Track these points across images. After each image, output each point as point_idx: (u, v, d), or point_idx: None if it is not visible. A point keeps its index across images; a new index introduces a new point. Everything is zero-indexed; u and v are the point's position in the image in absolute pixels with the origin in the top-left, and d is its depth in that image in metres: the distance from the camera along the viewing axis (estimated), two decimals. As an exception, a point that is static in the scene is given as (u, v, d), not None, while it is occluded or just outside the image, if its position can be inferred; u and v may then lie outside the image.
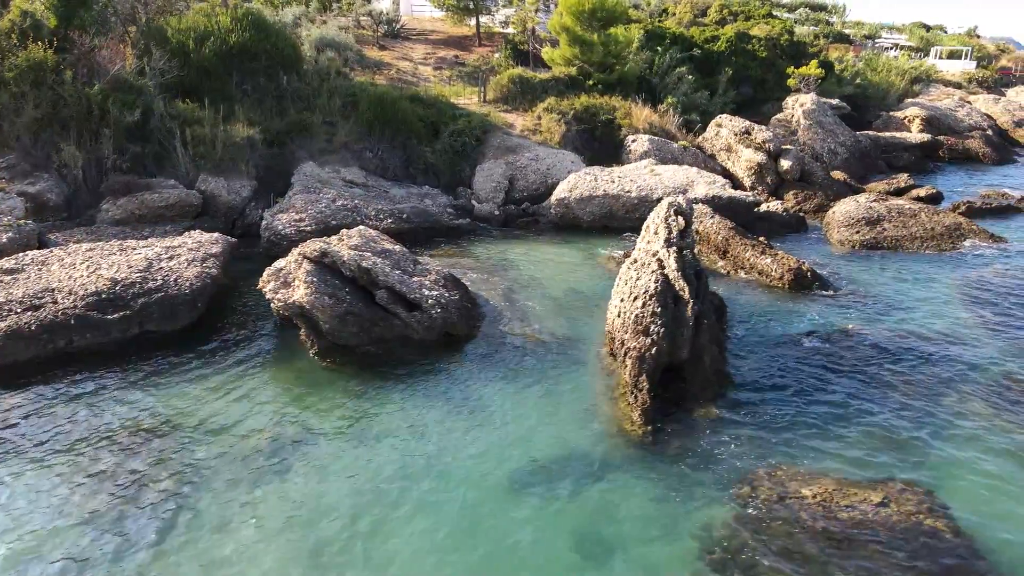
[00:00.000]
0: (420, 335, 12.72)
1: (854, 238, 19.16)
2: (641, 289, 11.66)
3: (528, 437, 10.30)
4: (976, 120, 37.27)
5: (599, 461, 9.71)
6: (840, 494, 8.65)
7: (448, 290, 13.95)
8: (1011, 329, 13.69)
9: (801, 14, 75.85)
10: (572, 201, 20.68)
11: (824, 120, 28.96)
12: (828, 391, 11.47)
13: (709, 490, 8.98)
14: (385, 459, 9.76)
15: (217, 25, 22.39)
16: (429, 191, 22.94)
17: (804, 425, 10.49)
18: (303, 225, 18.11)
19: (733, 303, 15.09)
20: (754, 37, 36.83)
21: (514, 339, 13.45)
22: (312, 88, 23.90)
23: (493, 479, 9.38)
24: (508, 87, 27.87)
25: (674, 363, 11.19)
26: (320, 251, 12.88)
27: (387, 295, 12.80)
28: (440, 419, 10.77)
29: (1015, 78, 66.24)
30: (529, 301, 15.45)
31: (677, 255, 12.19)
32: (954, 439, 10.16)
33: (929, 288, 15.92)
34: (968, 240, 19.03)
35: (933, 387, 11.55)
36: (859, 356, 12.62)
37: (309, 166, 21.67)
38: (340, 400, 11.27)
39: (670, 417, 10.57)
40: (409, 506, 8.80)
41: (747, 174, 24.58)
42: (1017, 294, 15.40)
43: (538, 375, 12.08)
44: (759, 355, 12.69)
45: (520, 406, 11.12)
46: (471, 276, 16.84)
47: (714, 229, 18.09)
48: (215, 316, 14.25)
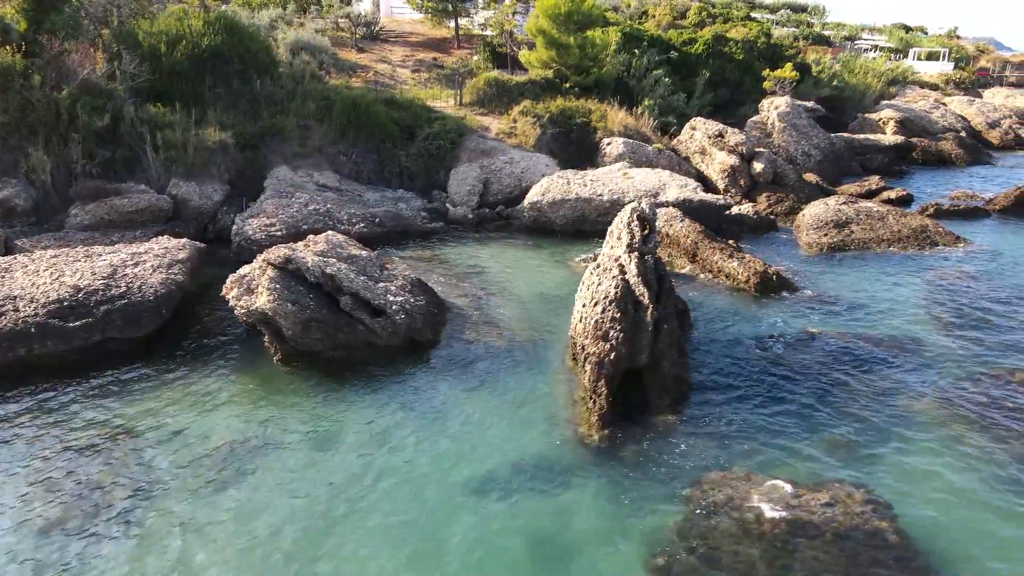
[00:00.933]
0: (384, 341, 12.77)
1: (822, 241, 19.38)
2: (602, 294, 11.77)
3: (487, 442, 10.38)
4: (950, 122, 37.72)
5: (556, 466, 9.80)
6: (788, 496, 8.79)
7: (414, 295, 14.01)
8: (967, 332, 13.91)
9: (783, 15, 76.47)
10: (545, 205, 20.78)
11: (798, 122, 29.22)
12: (785, 395, 11.62)
13: (661, 494, 9.09)
14: (343, 465, 9.81)
15: (189, 28, 22.31)
16: (403, 195, 22.97)
17: (759, 429, 10.64)
18: (274, 230, 18.11)
19: (699, 306, 15.25)
20: (731, 40, 37.10)
21: (480, 344, 13.53)
22: (286, 91, 23.88)
23: (450, 485, 9.45)
24: (484, 90, 27.94)
25: (634, 368, 11.30)
26: (284, 257, 12.90)
27: (351, 301, 12.84)
28: (400, 425, 10.83)
29: (992, 79, 67.05)
30: (498, 305, 15.54)
31: (639, 260, 12.31)
32: (903, 441, 10.33)
33: (892, 291, 16.14)
34: (934, 243, 19.29)
35: (887, 390, 11.73)
36: (817, 359, 12.79)
37: (282, 170, 21.65)
38: (302, 406, 11.31)
39: (628, 422, 10.67)
40: (366, 512, 8.86)
41: (721, 176, 24.77)
42: (976, 297, 15.64)
43: (501, 380, 12.16)
44: (720, 359, 12.83)
45: (481, 411, 11.20)
46: (441, 280, 16.92)
47: (683, 232, 18.24)
48: (182, 322, 14.24)
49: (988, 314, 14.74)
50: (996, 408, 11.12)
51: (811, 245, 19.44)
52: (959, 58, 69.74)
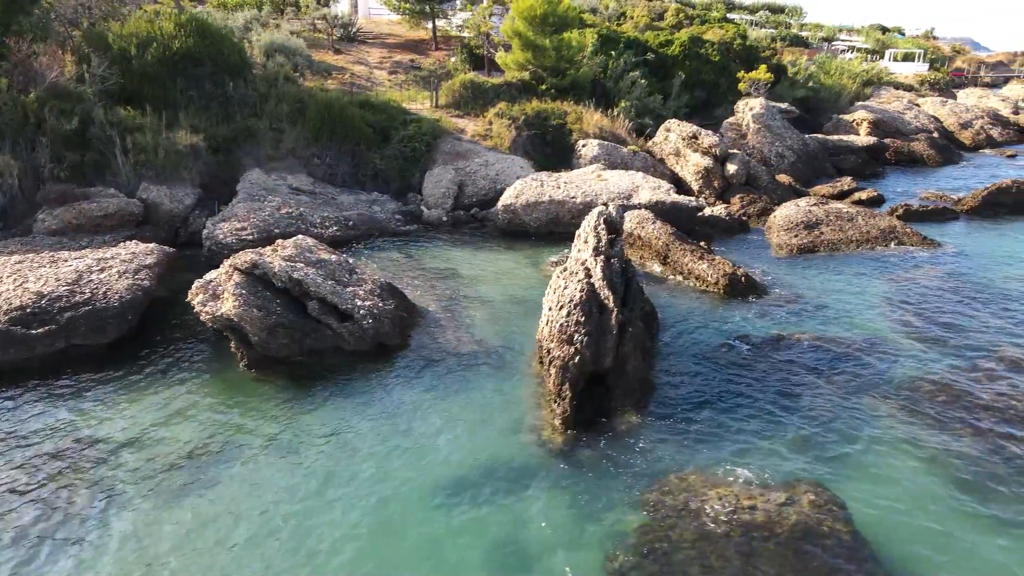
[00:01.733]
0: (352, 346, 12.76)
1: (792, 242, 19.58)
2: (567, 298, 11.83)
3: (451, 447, 10.41)
4: (923, 123, 38.20)
5: (520, 470, 9.85)
6: (745, 496, 8.89)
7: (383, 299, 14.01)
8: (931, 332, 14.11)
9: (762, 16, 77.07)
10: (518, 207, 20.83)
11: (772, 124, 29.49)
12: (749, 395, 11.74)
13: (621, 497, 9.17)
14: (304, 472, 9.80)
15: (160, 30, 22.15)
16: (378, 197, 22.96)
17: (722, 429, 10.74)
18: (245, 234, 18.03)
19: (668, 308, 15.36)
20: (707, 41, 37.35)
21: (449, 348, 13.55)
22: (259, 94, 23.76)
23: (412, 490, 9.46)
24: (460, 92, 27.96)
25: (599, 371, 11.36)
26: (251, 262, 12.85)
27: (319, 306, 12.82)
28: (365, 430, 10.84)
29: (967, 79, 67.98)
30: (468, 309, 15.57)
31: (604, 264, 12.39)
32: (864, 441, 10.47)
33: (858, 292, 16.34)
34: (902, 243, 19.54)
35: (851, 390, 11.88)
36: (783, 360, 12.94)
37: (255, 173, 21.56)
38: (267, 412, 11.28)
39: (592, 425, 10.74)
40: (325, 519, 8.86)
41: (695, 178, 24.95)
42: (940, 297, 15.87)
43: (469, 384, 12.19)
44: (686, 361, 12.93)
45: (447, 416, 11.22)
46: (413, 283, 16.93)
47: (655, 234, 18.35)
48: (150, 328, 14.16)
49: (952, 314, 14.95)
50: (956, 407, 11.30)
51: (781, 246, 19.64)
52: (934, 59, 70.67)
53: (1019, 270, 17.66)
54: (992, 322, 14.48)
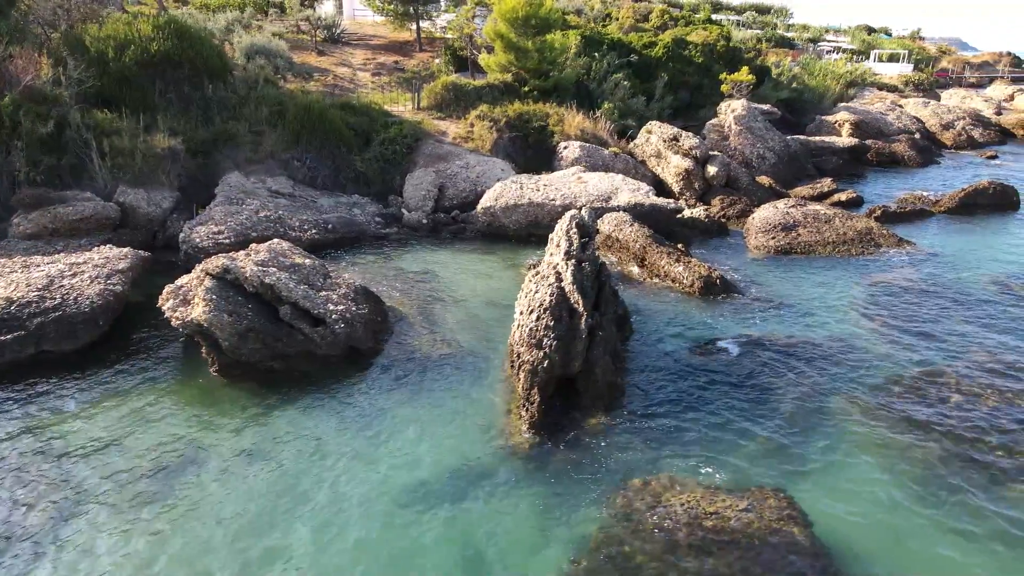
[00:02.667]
0: (323, 350, 12.76)
1: (769, 244, 19.69)
2: (537, 302, 11.87)
3: (420, 452, 10.43)
4: (905, 124, 38.43)
5: (486, 475, 9.88)
6: (708, 502, 8.95)
7: (357, 304, 14.01)
8: (901, 334, 14.23)
9: (749, 17, 77.31)
10: (498, 210, 20.86)
11: (754, 125, 29.61)
12: (718, 399, 11.81)
13: (586, 502, 9.21)
14: (272, 478, 9.80)
15: (138, 33, 22.05)
16: (358, 200, 22.92)
17: (690, 434, 10.80)
18: (221, 238, 17.97)
19: (643, 311, 15.43)
20: (691, 43, 37.47)
21: (422, 352, 13.57)
22: (239, 97, 23.69)
23: (380, 495, 9.49)
24: (442, 94, 27.95)
25: (568, 375, 11.41)
26: (222, 267, 12.83)
27: (290, 311, 12.81)
28: (334, 435, 10.85)
29: (952, 80, 68.39)
30: (444, 312, 15.58)
31: (575, 268, 12.44)
32: (829, 445, 10.56)
33: (832, 294, 16.45)
34: (878, 245, 19.68)
35: (819, 393, 11.97)
36: (754, 363, 13.01)
37: (234, 176, 21.49)
38: (235, 419, 11.27)
39: (560, 429, 10.79)
40: (293, 524, 8.87)
41: (675, 180, 25.04)
42: (913, 299, 16.00)
43: (440, 389, 12.22)
44: (657, 364, 12.99)
45: (417, 421, 11.24)
46: (390, 287, 16.93)
47: (632, 237, 18.42)
48: (123, 333, 14.11)
49: (922, 317, 15.08)
50: (922, 411, 11.40)
51: (759, 248, 19.74)
52: (920, 59, 71.06)
53: (990, 271, 17.83)
54: (961, 325, 14.61)
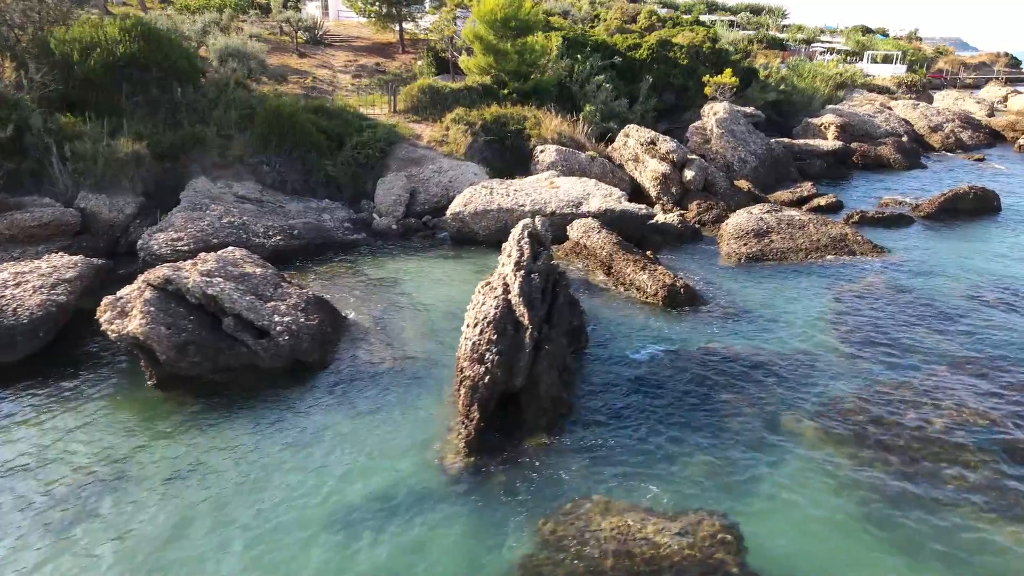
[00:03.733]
0: (267, 363, 12.44)
1: (741, 250, 19.35)
2: (482, 315, 11.55)
3: (354, 472, 10.11)
4: (893, 126, 38.08)
5: (419, 496, 9.55)
6: (640, 527, 8.62)
7: (307, 314, 13.69)
8: (865, 348, 13.88)
9: (742, 18, 76.99)
10: (467, 215, 20.54)
11: (736, 128, 29.26)
12: (669, 415, 11.47)
13: (516, 526, 8.88)
14: (198, 498, 9.49)
15: (104, 36, 21.74)
16: (329, 205, 22.61)
17: (634, 452, 10.47)
18: (180, 245, 17.66)
19: (603, 321, 15.10)
20: (676, 45, 37.13)
21: (372, 365, 13.24)
22: (209, 100, 23.38)
23: (307, 518, 9.18)
24: (418, 97, 27.63)
25: (511, 391, 11.08)
26: (164, 278, 12.53)
27: (234, 322, 12.50)
28: (271, 452, 10.53)
29: (946, 81, 67.98)
30: (402, 322, 15.26)
31: (523, 279, 12.11)
32: (777, 465, 10.21)
33: (800, 303, 16.11)
34: (852, 252, 19.34)
35: (774, 409, 11.62)
36: (710, 377, 12.68)
37: (200, 181, 21.18)
38: (170, 435, 10.95)
39: (499, 447, 10.46)
40: (220, 546, 8.57)
41: (653, 184, 24.71)
42: (880, 309, 15.66)
43: (384, 405, 11.89)
44: (610, 378, 12.66)
45: (356, 439, 10.92)
46: (350, 294, 16.62)
47: (599, 244, 18.09)
48: (68, 343, 13.80)
49: (888, 328, 14.74)
50: (876, 429, 11.05)
51: (730, 255, 19.40)
52: (915, 60, 70.69)
53: (964, 281, 17.47)
54: (927, 337, 14.27)
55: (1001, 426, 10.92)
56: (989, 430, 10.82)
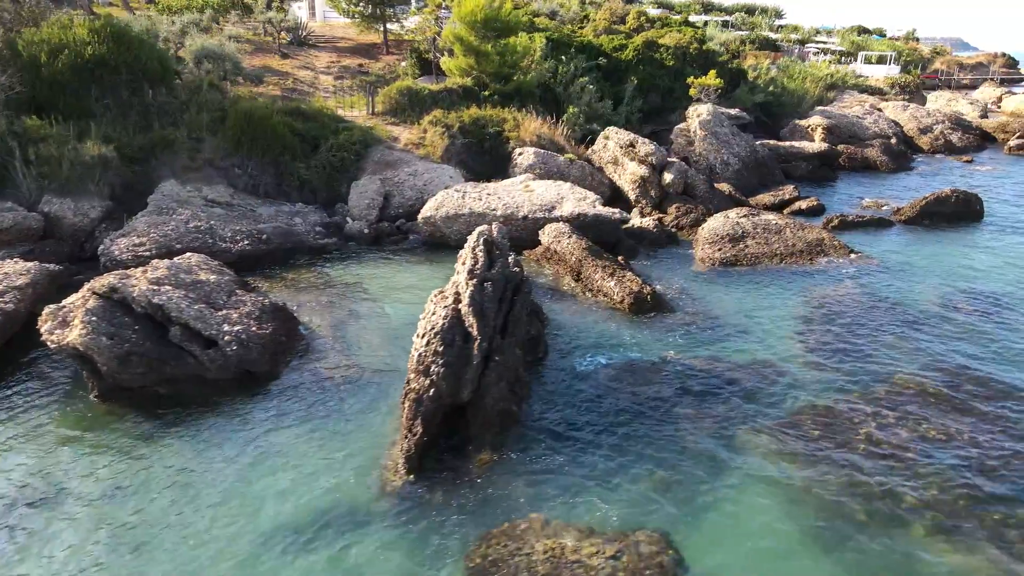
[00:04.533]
0: (214, 374, 12.15)
1: (715, 256, 19.04)
2: (430, 325, 11.26)
3: (295, 489, 9.82)
4: (882, 128, 37.71)
5: (356, 516, 9.26)
6: (575, 548, 8.33)
7: (261, 323, 13.40)
8: (831, 356, 13.58)
9: (737, 18, 76.59)
10: (439, 219, 20.24)
11: (719, 131, 28.94)
12: (621, 428, 11.17)
13: (448, 549, 8.59)
14: (132, 514, 9.22)
15: (73, 37, 21.46)
16: (302, 209, 22.32)
17: (581, 468, 10.18)
18: (142, 250, 17.38)
19: (567, 329, 14.81)
20: (662, 46, 36.82)
21: (324, 375, 12.95)
22: (180, 102, 23.10)
23: (244, 536, 8.91)
24: (397, 99, 27.33)
25: (458, 404, 10.80)
26: (109, 286, 12.24)
27: (180, 332, 12.21)
28: (211, 467, 10.25)
29: (941, 82, 67.55)
30: (363, 330, 14.97)
31: (476, 288, 11.82)
32: (727, 481, 9.92)
33: (770, 310, 15.80)
34: (827, 257, 19.03)
35: (727, 423, 11.32)
36: (669, 388, 12.38)
37: (169, 185, 20.89)
38: (108, 449, 10.67)
39: (442, 463, 10.18)
40: (150, 565, 8.29)
41: (631, 187, 24.41)
42: (851, 317, 15.34)
43: (333, 418, 11.59)
44: (565, 389, 12.36)
45: (298, 453, 10.63)
46: (313, 301, 16.34)
47: (569, 249, 17.80)
48: (17, 352, 13.51)
49: (856, 336, 14.44)
50: (833, 443, 10.76)
51: (704, 260, 19.10)
52: (910, 61, 70.26)
53: (938, 287, 17.15)
54: (895, 346, 13.95)
55: (959, 440, 10.62)
56: (946, 445, 10.52)
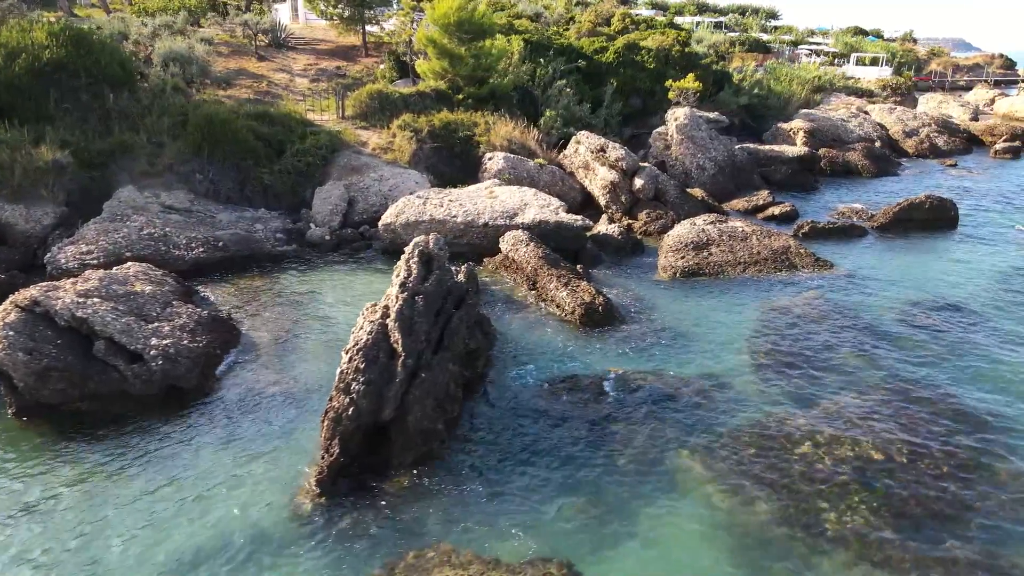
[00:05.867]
0: (138, 390, 11.80)
1: (677, 264, 18.67)
2: (354, 341, 10.92)
3: (208, 510, 9.50)
4: (867, 131, 37.33)
5: (264, 542, 8.93)
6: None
7: (193, 336, 13.07)
8: (782, 372, 13.19)
9: (731, 19, 76.20)
10: (398, 226, 19.88)
11: (696, 135, 28.56)
12: (553, 449, 10.81)
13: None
14: (40, 540, 8.88)
15: (31, 41, 21.15)
16: (264, 215, 21.98)
17: (504, 493, 9.82)
18: (89, 258, 17.04)
19: (514, 341, 14.46)
20: (644, 48, 36.45)
21: (259, 391, 12.60)
22: (142, 106, 22.77)
23: (147, 561, 8.59)
24: (367, 103, 26.98)
25: (380, 423, 10.44)
26: (31, 299, 11.92)
27: (105, 346, 11.88)
28: (123, 488, 9.92)
29: (935, 84, 67.03)
30: (306, 342, 14.62)
31: (405, 302, 11.48)
32: (650, 510, 9.55)
33: (725, 322, 15.43)
34: (793, 266, 18.65)
35: (661, 445, 10.93)
36: (604, 406, 11.99)
37: (127, 191, 20.56)
38: (24, 466, 10.34)
39: (358, 487, 9.82)
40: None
41: (602, 193, 24.05)
42: (807, 331, 14.95)
43: (257, 435, 11.26)
44: (501, 406, 12.00)
45: (215, 473, 10.29)
46: (260, 310, 16.01)
47: (526, 257, 17.46)
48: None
49: (810, 350, 14.06)
50: (766, 464, 10.40)
51: (665, 269, 18.73)
52: (904, 62, 69.71)
53: (902, 298, 16.76)
54: (847, 363, 13.56)
55: (897, 465, 10.24)
56: (883, 468, 10.14)
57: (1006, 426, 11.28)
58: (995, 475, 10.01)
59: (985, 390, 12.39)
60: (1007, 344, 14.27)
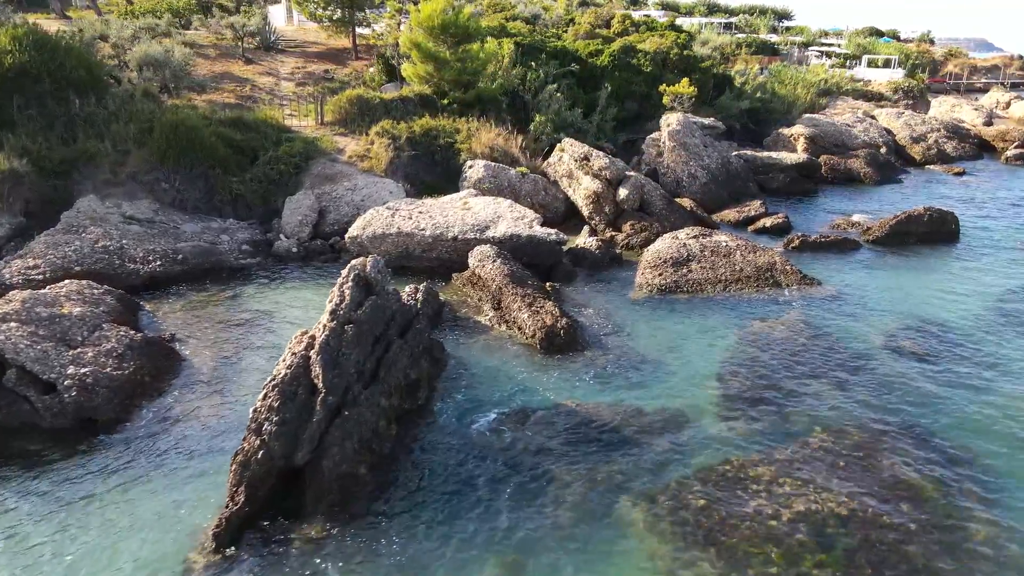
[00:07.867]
0: (49, 422, 11.06)
1: (654, 281, 17.69)
2: (272, 375, 10.08)
3: (103, 561, 8.68)
4: (872, 136, 36.04)
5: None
6: (367, 662, 7.10)
7: (120, 362, 12.29)
8: (749, 407, 12.16)
9: (741, 20, 74.81)
10: (365, 239, 19.05)
11: (689, 141, 27.52)
12: (486, 496, 9.90)
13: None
14: None
15: (-7, 46, 20.58)
16: (231, 225, 21.26)
17: (422, 547, 8.92)
18: (35, 273, 16.35)
19: (468, 369, 13.56)
20: (640, 51, 35.43)
21: (185, 423, 11.79)
22: (108, 112, 22.12)
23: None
24: (346, 108, 26.19)
25: (293, 467, 9.59)
26: (-60, 325, 11.20)
27: (16, 375, 11.13)
28: (22, 530, 9.14)
29: (949, 86, 65.29)
30: (250, 368, 13.80)
31: (333, 332, 10.62)
32: (585, 565, 8.64)
33: (696, 348, 14.43)
34: (777, 284, 17.60)
35: (608, 491, 9.99)
36: (553, 446, 11.04)
37: (87, 200, 19.88)
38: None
39: (264, 537, 8.97)
40: None
41: (585, 203, 23.11)
42: (784, 357, 13.93)
43: (173, 474, 10.44)
44: (444, 444, 11.10)
45: (119, 518, 9.48)
46: (209, 330, 15.24)
47: (491, 275, 16.56)
48: None
49: (784, 381, 13.04)
50: (714, 517, 9.42)
51: (642, 286, 17.75)
52: (918, 64, 67.98)
53: (889, 322, 15.67)
54: (823, 395, 12.53)
55: (860, 520, 9.23)
56: (844, 527, 9.13)
57: (990, 482, 10.20)
58: (970, 538, 8.98)
59: (970, 436, 11.30)
60: (999, 379, 13.16)
